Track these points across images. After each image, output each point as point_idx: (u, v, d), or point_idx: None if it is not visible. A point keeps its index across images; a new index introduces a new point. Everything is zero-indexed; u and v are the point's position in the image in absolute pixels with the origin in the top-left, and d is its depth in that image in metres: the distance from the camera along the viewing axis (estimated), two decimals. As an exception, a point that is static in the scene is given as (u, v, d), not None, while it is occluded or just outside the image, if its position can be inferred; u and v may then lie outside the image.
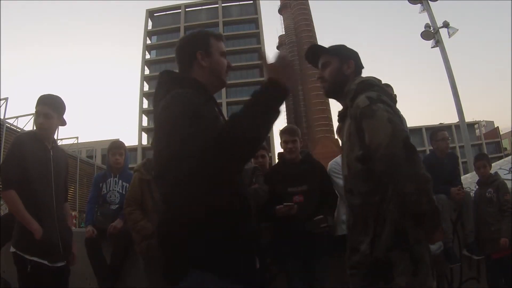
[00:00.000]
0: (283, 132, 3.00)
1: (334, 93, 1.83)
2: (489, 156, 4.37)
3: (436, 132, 3.86)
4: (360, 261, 1.58)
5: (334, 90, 1.81)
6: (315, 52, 1.87)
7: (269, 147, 18.78)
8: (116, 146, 3.48)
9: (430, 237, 1.54)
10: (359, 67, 1.83)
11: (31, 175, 2.28)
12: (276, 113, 1.20)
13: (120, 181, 3.41)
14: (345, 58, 1.80)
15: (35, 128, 2.49)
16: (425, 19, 10.41)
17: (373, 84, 1.70)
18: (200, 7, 57.36)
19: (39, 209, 2.27)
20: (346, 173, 1.73)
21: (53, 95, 2.46)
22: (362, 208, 1.61)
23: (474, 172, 4.24)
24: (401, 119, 1.65)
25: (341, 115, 1.81)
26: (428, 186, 1.46)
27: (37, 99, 2.41)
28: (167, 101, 1.29)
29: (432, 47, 10.31)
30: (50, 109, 2.39)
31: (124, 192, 3.35)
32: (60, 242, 2.31)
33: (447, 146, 3.77)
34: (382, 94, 1.63)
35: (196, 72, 1.46)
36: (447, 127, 44.06)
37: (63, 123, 2.52)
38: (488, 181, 3.77)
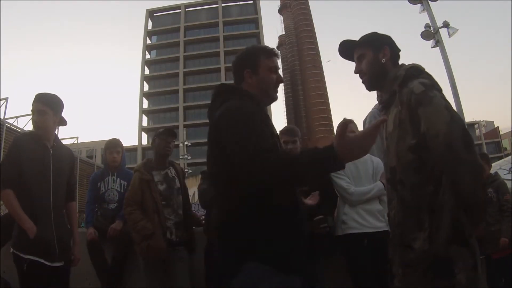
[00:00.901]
0: (283, 133, 3.00)
1: (376, 84, 1.76)
2: (489, 156, 4.37)
3: None
4: (418, 258, 1.49)
5: (375, 81, 1.74)
6: (348, 47, 1.80)
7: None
8: (113, 144, 3.48)
9: (475, 230, 1.51)
10: (396, 51, 1.75)
11: (28, 175, 2.28)
12: (319, 178, 1.48)
13: (118, 179, 3.40)
14: (379, 46, 1.71)
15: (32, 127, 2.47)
16: (425, 19, 10.41)
17: (422, 71, 1.64)
18: (200, 7, 57.34)
19: (35, 208, 2.27)
20: (395, 163, 1.62)
21: (48, 93, 2.44)
22: (415, 200, 1.53)
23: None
24: None
25: (386, 102, 1.71)
26: (483, 175, 1.47)
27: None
28: (223, 111, 1.46)
29: (432, 47, 10.29)
30: (44, 106, 2.37)
31: (122, 191, 3.35)
32: (57, 242, 2.30)
33: None
34: (434, 81, 1.58)
35: (247, 86, 1.61)
36: (447, 127, 43.92)
37: (63, 122, 2.51)
38: (488, 181, 3.76)
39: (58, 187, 2.43)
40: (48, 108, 2.38)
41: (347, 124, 1.28)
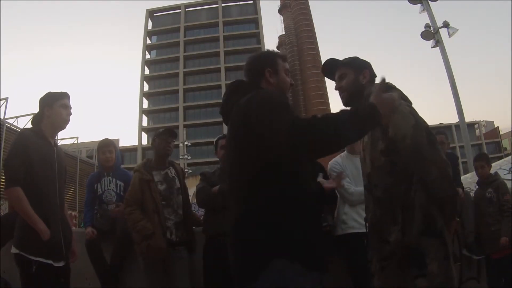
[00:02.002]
0: None
1: (352, 101, 1.94)
2: (489, 156, 4.37)
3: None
4: (393, 250, 1.62)
5: (352, 99, 1.92)
6: (331, 66, 2.00)
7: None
8: (104, 144, 3.46)
9: (448, 225, 1.62)
10: (373, 75, 1.95)
11: (37, 172, 2.21)
12: (362, 132, 1.41)
13: (114, 179, 3.38)
14: (360, 69, 1.93)
15: (54, 119, 2.39)
16: (425, 19, 10.42)
17: (392, 87, 1.80)
18: (200, 7, 57.35)
19: (45, 208, 2.20)
20: (369, 170, 1.80)
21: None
22: (389, 199, 1.67)
23: (474, 172, 4.24)
24: None
25: None
26: (449, 171, 1.59)
27: (52, 93, 2.42)
28: (254, 96, 1.40)
29: (432, 47, 10.30)
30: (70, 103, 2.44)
31: (118, 191, 3.34)
32: (63, 242, 2.28)
33: (446, 149, 3.79)
34: (401, 94, 1.73)
35: (266, 84, 1.60)
36: (447, 127, 44.06)
37: None
38: (488, 181, 3.77)
39: (62, 185, 2.43)
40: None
41: (385, 82, 1.42)
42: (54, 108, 2.37)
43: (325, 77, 2.10)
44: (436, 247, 1.56)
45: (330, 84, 1.55)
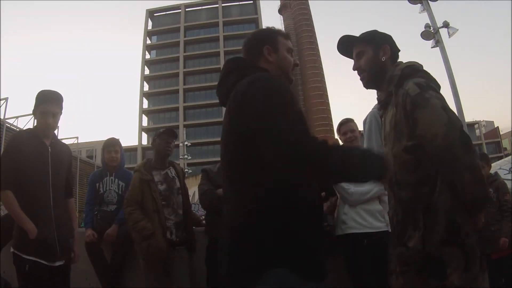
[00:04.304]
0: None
1: (374, 82, 1.75)
2: (489, 156, 4.37)
3: None
4: (412, 257, 1.51)
5: (374, 79, 1.73)
6: (347, 43, 1.78)
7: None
8: (111, 143, 3.44)
9: (476, 224, 1.53)
10: (395, 51, 1.74)
11: (28, 175, 2.27)
12: (363, 180, 1.36)
13: (117, 180, 3.37)
14: (380, 44, 1.71)
15: (38, 125, 2.40)
16: (425, 19, 10.42)
17: (419, 69, 1.64)
18: (200, 7, 57.36)
19: (35, 209, 2.26)
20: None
21: (55, 91, 2.41)
22: (411, 200, 1.54)
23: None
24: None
25: (383, 102, 1.73)
26: (483, 174, 1.48)
27: (39, 95, 2.35)
28: (251, 86, 1.25)
29: (432, 47, 10.29)
30: (58, 107, 2.37)
31: (120, 192, 3.33)
32: (58, 242, 2.29)
33: None
34: (430, 80, 1.58)
35: (265, 64, 1.45)
36: (447, 127, 43.92)
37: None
38: (488, 181, 3.76)
39: (58, 185, 2.41)
40: (60, 109, 2.39)
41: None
42: (36, 113, 2.38)
43: (325, 78, 2.01)
44: (458, 257, 1.44)
45: (330, 84, 1.47)
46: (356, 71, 1.76)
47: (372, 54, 1.70)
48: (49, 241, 2.24)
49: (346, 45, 1.79)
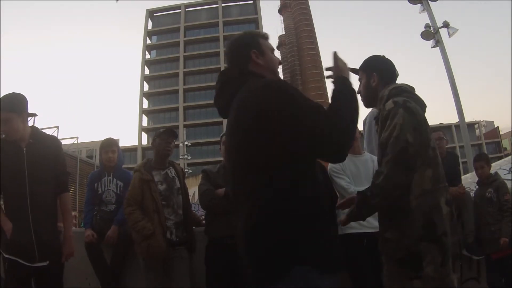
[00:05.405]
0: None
1: (370, 104, 2.04)
2: (489, 156, 4.36)
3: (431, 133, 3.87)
4: (394, 249, 1.72)
5: (368, 101, 2.02)
6: (355, 72, 2.03)
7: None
8: (108, 143, 3.46)
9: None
10: (384, 76, 1.96)
11: (3, 179, 2.30)
12: (356, 98, 1.43)
13: (115, 180, 3.38)
14: (370, 73, 1.97)
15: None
16: (425, 19, 10.42)
17: (403, 90, 1.85)
18: (200, 7, 57.38)
19: (11, 211, 2.31)
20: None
21: (6, 95, 2.33)
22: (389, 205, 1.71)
23: (474, 172, 4.24)
24: (423, 126, 1.75)
25: (377, 119, 1.96)
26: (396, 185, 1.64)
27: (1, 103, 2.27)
28: (262, 86, 1.35)
29: (432, 47, 10.30)
30: (7, 112, 2.27)
31: (119, 192, 3.34)
32: (36, 244, 2.26)
33: (444, 145, 3.79)
34: (410, 100, 1.76)
35: (255, 67, 1.51)
36: (447, 127, 44.07)
37: (31, 115, 2.44)
38: (488, 181, 3.76)
39: (37, 185, 2.32)
40: (11, 113, 2.27)
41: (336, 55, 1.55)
42: None
43: (325, 78, 2.15)
44: (433, 251, 1.61)
45: (330, 84, 1.53)
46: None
47: (365, 80, 1.98)
48: (23, 243, 2.25)
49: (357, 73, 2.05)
